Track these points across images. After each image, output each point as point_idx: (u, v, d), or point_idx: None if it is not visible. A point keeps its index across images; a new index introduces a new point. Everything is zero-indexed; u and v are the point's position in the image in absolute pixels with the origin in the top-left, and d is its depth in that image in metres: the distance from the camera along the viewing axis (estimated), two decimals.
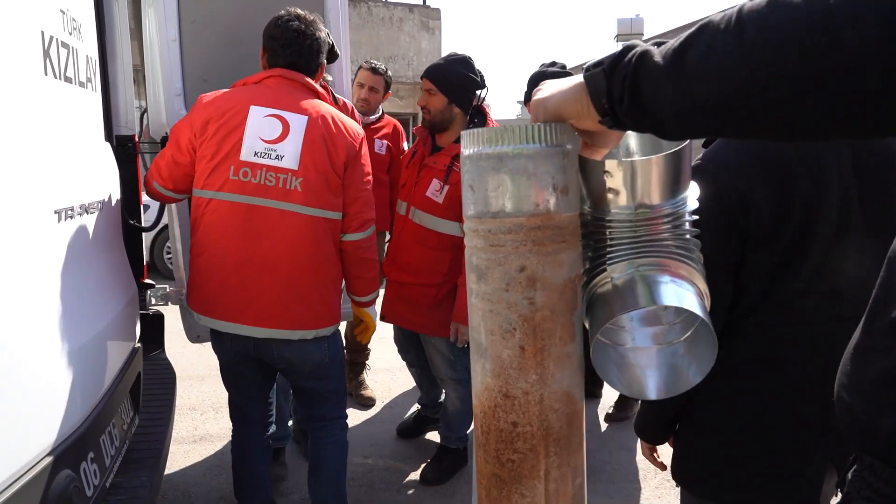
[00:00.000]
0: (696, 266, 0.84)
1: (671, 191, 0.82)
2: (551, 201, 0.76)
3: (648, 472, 3.36)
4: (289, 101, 2.10)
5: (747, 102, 0.58)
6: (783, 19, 0.55)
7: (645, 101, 0.65)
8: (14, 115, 1.35)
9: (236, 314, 2.12)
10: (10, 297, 1.28)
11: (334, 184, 2.12)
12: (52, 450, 1.41)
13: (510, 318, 0.77)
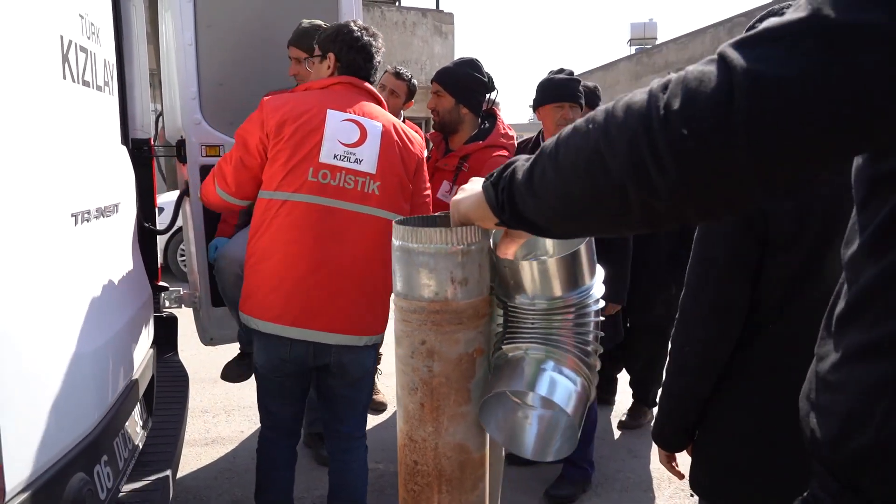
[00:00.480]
0: (586, 359, 0.95)
1: (569, 285, 0.95)
2: (449, 291, 0.91)
3: (662, 481, 3.33)
4: (360, 108, 2.17)
5: (571, 214, 0.72)
6: (575, 145, 0.69)
7: (519, 209, 0.77)
8: (33, 119, 1.36)
9: (308, 320, 2.07)
10: (26, 301, 1.28)
11: (406, 189, 2.21)
12: (66, 453, 1.41)
13: (414, 380, 0.94)
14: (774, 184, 0.60)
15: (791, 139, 0.56)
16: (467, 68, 2.85)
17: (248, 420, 3.89)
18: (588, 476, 3.14)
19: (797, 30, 0.57)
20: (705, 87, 0.59)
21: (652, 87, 0.64)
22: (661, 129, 0.60)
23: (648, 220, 0.66)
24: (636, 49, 24.58)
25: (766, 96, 0.56)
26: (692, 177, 0.60)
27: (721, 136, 0.57)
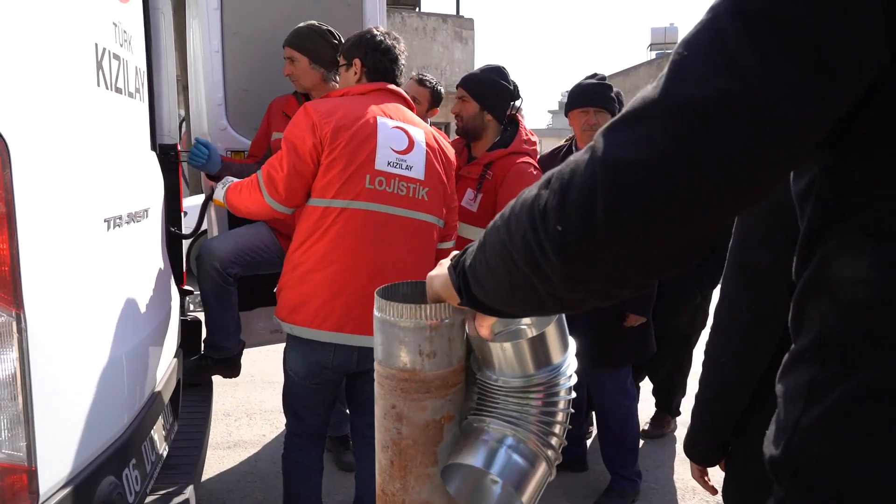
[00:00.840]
0: (547, 440, 0.97)
1: (538, 364, 0.97)
2: (417, 363, 0.96)
3: (686, 492, 3.28)
4: (401, 114, 2.21)
5: (508, 301, 0.77)
6: (493, 241, 0.74)
7: (473, 293, 0.82)
8: (69, 126, 1.37)
9: (368, 327, 2.00)
10: (61, 306, 1.30)
11: (447, 194, 2.28)
12: (97, 456, 1.42)
13: (386, 439, 1.01)
14: (657, 265, 0.62)
15: (655, 222, 0.58)
16: (494, 75, 2.84)
17: (270, 424, 3.91)
18: (637, 487, 3.13)
19: (648, 112, 0.59)
20: (576, 180, 0.61)
21: (539, 184, 0.67)
22: (542, 227, 0.64)
23: (563, 307, 0.71)
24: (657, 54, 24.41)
25: (623, 185, 0.58)
26: (576, 269, 0.63)
27: (589, 229, 0.60)
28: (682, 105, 0.57)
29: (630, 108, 0.61)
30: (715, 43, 0.57)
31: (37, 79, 1.23)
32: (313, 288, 2.06)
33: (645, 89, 0.61)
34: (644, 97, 0.60)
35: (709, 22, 0.59)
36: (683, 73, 0.58)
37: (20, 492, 1.16)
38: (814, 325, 0.66)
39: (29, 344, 1.16)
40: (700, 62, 0.57)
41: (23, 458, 1.17)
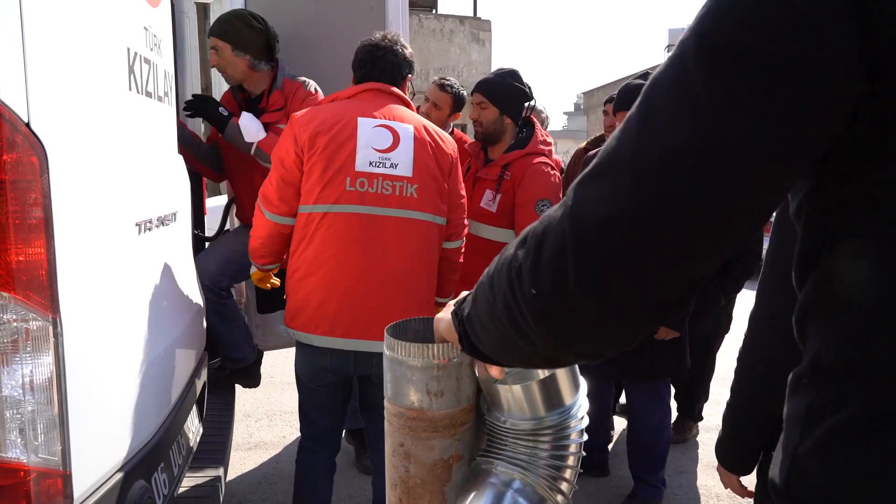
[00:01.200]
0: (556, 484, 0.95)
1: (548, 407, 0.95)
2: (425, 401, 0.96)
3: (710, 498, 3.25)
4: (389, 112, 2.15)
5: (503, 354, 0.75)
6: (481, 297, 0.72)
7: (473, 343, 0.79)
8: (102, 130, 1.38)
9: (361, 330, 2.05)
10: (95, 309, 1.30)
11: (443, 190, 2.19)
12: (128, 460, 1.43)
13: (394, 476, 1.01)
14: (638, 321, 0.61)
15: (628, 280, 0.57)
16: (510, 79, 2.86)
17: (291, 425, 3.91)
18: (660, 494, 3.11)
19: (615, 165, 0.57)
20: (548, 239, 0.60)
21: (518, 240, 0.66)
22: (518, 289, 0.63)
23: (552, 365, 0.72)
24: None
25: (591, 243, 0.57)
26: (555, 331, 0.62)
27: (562, 291, 0.59)
28: (647, 157, 0.55)
29: (599, 160, 0.60)
30: (680, 83, 0.55)
31: (72, 84, 1.24)
32: (307, 294, 2.09)
33: (614, 134, 0.60)
34: (611, 147, 0.59)
35: (676, 59, 0.57)
36: (650, 119, 0.56)
37: (55, 496, 1.16)
38: (811, 349, 0.65)
39: (64, 349, 1.16)
40: (665, 106, 0.55)
41: (58, 462, 1.17)
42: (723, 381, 4.63)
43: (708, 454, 3.73)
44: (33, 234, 1.08)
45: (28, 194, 1.07)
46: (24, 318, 1.08)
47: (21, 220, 1.05)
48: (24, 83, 1.05)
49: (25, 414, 1.10)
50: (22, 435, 1.10)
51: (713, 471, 3.53)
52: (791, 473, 0.64)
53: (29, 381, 1.10)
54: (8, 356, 1.07)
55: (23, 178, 1.05)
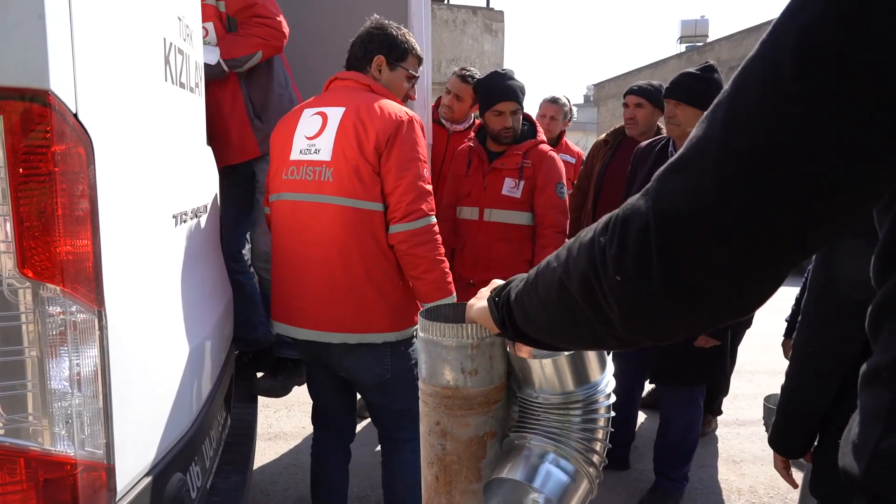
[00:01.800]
0: (588, 456, 1.00)
1: (577, 382, 1.01)
2: (460, 380, 1.00)
3: (731, 493, 3.23)
4: (337, 97, 2.12)
5: (561, 337, 0.81)
6: (547, 280, 0.76)
7: (519, 327, 0.86)
8: (141, 121, 1.37)
9: (287, 315, 2.15)
10: (135, 303, 1.29)
11: (364, 170, 2.00)
12: (166, 453, 1.42)
13: (430, 455, 1.04)
14: (715, 314, 0.63)
15: (709, 275, 0.59)
16: (517, 79, 3.10)
17: (308, 416, 3.91)
18: (682, 490, 3.10)
19: (699, 160, 0.58)
20: (632, 229, 0.62)
21: (596, 228, 0.69)
22: (602, 274, 0.65)
23: (621, 346, 0.73)
24: (686, 47, 24.05)
25: (675, 237, 0.59)
26: (634, 315, 0.65)
27: (646, 281, 0.61)
28: (733, 154, 0.55)
29: (683, 152, 0.60)
30: (771, 78, 0.53)
31: (114, 74, 1.22)
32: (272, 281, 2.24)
33: (699, 126, 0.59)
34: (696, 139, 0.59)
35: (768, 49, 0.55)
36: (737, 114, 0.56)
37: (100, 489, 1.16)
38: (892, 345, 0.64)
39: (109, 341, 1.15)
40: (754, 100, 0.54)
41: (102, 455, 1.16)
42: (741, 376, 4.61)
43: (728, 448, 3.72)
44: (80, 227, 1.07)
45: (76, 186, 1.06)
46: (72, 311, 1.07)
47: (69, 211, 1.04)
48: (73, 73, 1.03)
49: (73, 407, 1.09)
50: (69, 428, 1.09)
51: (734, 465, 3.53)
52: (872, 468, 0.63)
53: (76, 374, 1.09)
54: (56, 349, 1.06)
55: (71, 169, 1.04)
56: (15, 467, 1.05)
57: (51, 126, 0.99)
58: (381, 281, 2.05)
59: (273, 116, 2.69)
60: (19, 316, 1.01)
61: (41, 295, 1.03)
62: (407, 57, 2.24)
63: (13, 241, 0.99)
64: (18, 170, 0.98)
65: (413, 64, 2.26)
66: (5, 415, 1.04)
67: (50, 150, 1.00)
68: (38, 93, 0.97)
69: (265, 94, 2.70)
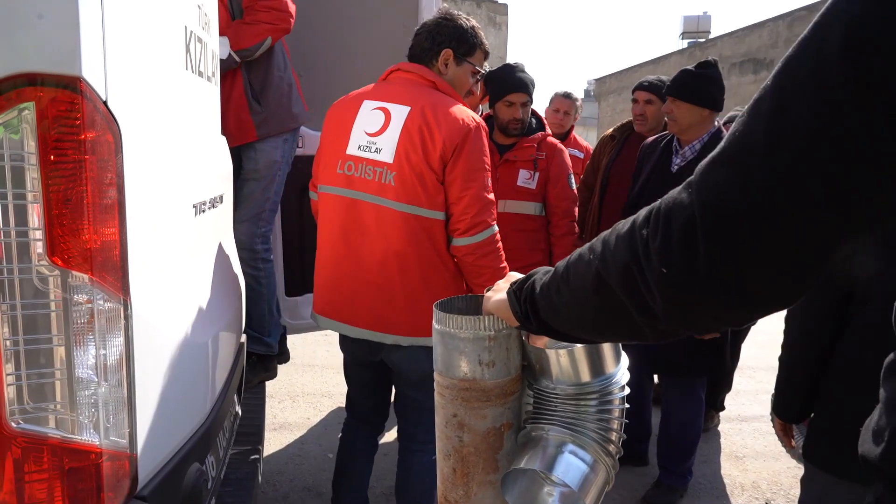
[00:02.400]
0: (605, 445, 1.01)
1: (593, 372, 1.02)
2: (477, 372, 1.00)
3: (735, 488, 3.25)
4: (401, 93, 2.04)
5: (593, 330, 0.82)
6: (582, 273, 0.77)
7: (543, 319, 0.87)
8: (164, 110, 1.36)
9: (336, 312, 2.12)
10: (157, 293, 1.29)
11: (429, 179, 1.96)
12: (184, 443, 1.42)
13: (447, 447, 1.05)
14: (762, 304, 0.64)
15: (756, 265, 0.59)
16: (528, 73, 3.15)
17: (313, 407, 3.93)
18: (686, 483, 3.13)
19: (746, 153, 0.58)
20: (675, 221, 0.63)
21: (637, 219, 0.70)
22: (646, 266, 0.66)
23: (660, 337, 0.73)
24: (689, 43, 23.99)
25: (722, 229, 0.59)
26: (678, 306, 0.66)
27: (692, 272, 0.62)
28: (781, 147, 0.55)
29: (726, 146, 0.60)
30: (818, 69, 0.53)
31: (140, 62, 1.21)
32: (314, 273, 2.21)
33: (742, 119, 0.60)
34: (741, 132, 0.59)
35: (816, 39, 0.55)
36: (784, 107, 0.56)
37: (123, 478, 1.16)
38: None
39: (133, 331, 1.15)
40: (802, 92, 0.55)
41: (126, 444, 1.16)
42: (742, 372, 4.62)
43: (730, 444, 3.73)
44: (108, 215, 1.07)
45: (104, 174, 1.05)
46: (99, 300, 1.06)
47: (98, 200, 1.04)
48: (103, 60, 1.02)
49: (98, 396, 1.09)
50: (94, 417, 1.09)
51: (736, 460, 3.54)
52: (890, 454, 0.66)
53: (102, 363, 1.09)
54: (83, 337, 1.06)
55: (100, 157, 1.03)
56: (41, 455, 1.05)
57: (82, 113, 0.98)
58: (437, 287, 2.02)
59: (272, 100, 2.68)
60: (48, 304, 1.01)
61: (69, 283, 1.02)
62: (475, 51, 2.16)
63: (43, 228, 0.99)
64: (49, 157, 0.97)
65: (480, 59, 2.19)
66: (32, 403, 1.03)
67: (81, 138, 0.99)
68: (70, 79, 0.96)
69: (264, 78, 2.67)
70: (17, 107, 0.95)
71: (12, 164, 0.96)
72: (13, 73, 0.94)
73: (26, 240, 0.98)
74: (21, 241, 0.98)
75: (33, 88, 0.95)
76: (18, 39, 0.94)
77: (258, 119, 2.62)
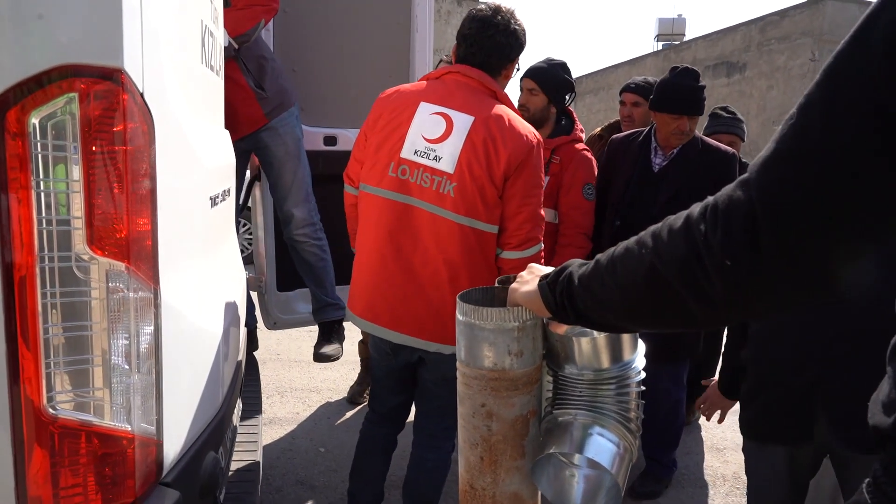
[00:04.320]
0: (627, 425, 1.07)
1: (613, 358, 1.08)
2: (506, 362, 1.03)
3: (717, 479, 3.34)
4: (461, 100, 1.98)
5: (640, 322, 0.87)
6: (632, 267, 0.80)
7: (581, 311, 0.90)
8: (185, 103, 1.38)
9: (378, 316, 2.07)
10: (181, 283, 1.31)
11: (490, 193, 1.95)
12: (202, 432, 1.44)
13: (475, 436, 1.07)
14: (820, 294, 0.68)
15: (816, 256, 0.63)
16: (560, 70, 2.97)
17: (302, 402, 3.94)
18: (671, 473, 3.21)
19: (803, 151, 0.62)
20: (736, 217, 0.67)
21: (692, 215, 0.73)
22: (707, 258, 0.69)
23: (710, 325, 0.81)
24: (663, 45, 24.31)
25: (782, 224, 0.64)
26: (740, 294, 0.70)
27: (756, 265, 0.66)
28: (835, 149, 0.60)
29: (783, 143, 0.65)
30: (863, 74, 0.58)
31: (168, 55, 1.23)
32: (355, 272, 2.16)
33: (794, 117, 0.64)
34: (795, 129, 0.63)
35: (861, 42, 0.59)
36: (834, 106, 0.60)
37: (151, 464, 1.18)
38: None
39: (162, 319, 1.17)
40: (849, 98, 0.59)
41: (154, 431, 1.18)
42: None
43: (712, 437, 3.83)
44: (143, 205, 1.09)
45: (140, 165, 1.07)
46: (134, 289, 1.08)
47: (134, 190, 1.06)
48: (142, 53, 1.04)
49: (131, 383, 1.11)
50: (127, 404, 1.11)
51: (717, 452, 3.65)
52: None
53: (135, 350, 1.11)
54: (118, 325, 1.07)
55: (137, 148, 1.06)
56: (76, 441, 1.06)
57: (122, 105, 1.00)
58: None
59: (271, 83, 2.75)
60: (88, 292, 1.03)
61: (108, 272, 1.04)
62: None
63: (83, 217, 1.00)
64: (91, 147, 0.99)
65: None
66: (69, 389, 1.05)
67: (121, 129, 1.01)
68: (113, 71, 0.98)
69: (259, 65, 2.73)
70: (60, 97, 0.97)
71: (55, 154, 0.98)
72: (57, 65, 0.96)
73: (68, 228, 1.00)
74: (62, 229, 1.00)
75: (76, 80, 0.97)
76: (62, 31, 0.96)
77: (265, 104, 2.70)
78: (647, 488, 3.11)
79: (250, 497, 1.88)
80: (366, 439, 2.41)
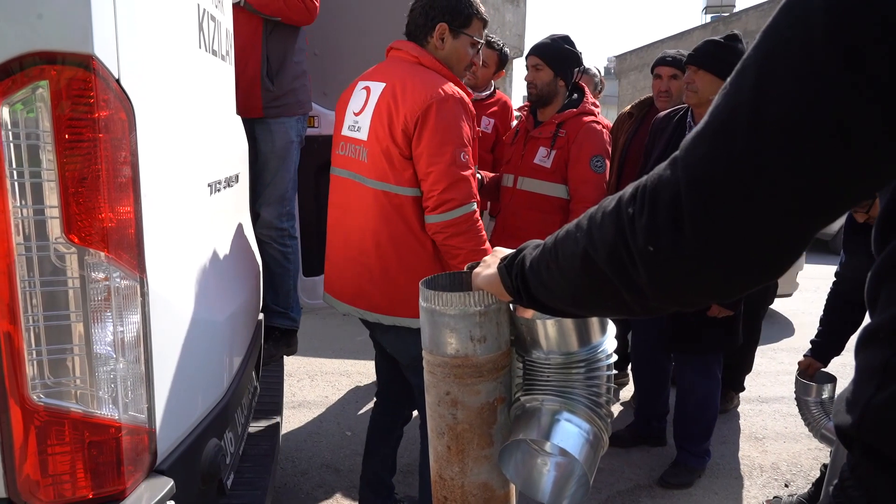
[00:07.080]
0: (597, 409, 1.03)
1: (581, 341, 1.04)
2: (469, 348, 1.00)
3: (754, 469, 3.23)
4: (385, 70, 2.03)
5: (582, 306, 0.82)
6: (570, 250, 0.77)
7: (533, 295, 0.87)
8: (177, 89, 1.36)
9: (331, 287, 2.19)
10: (173, 271, 1.30)
11: (395, 154, 1.91)
12: (203, 419, 1.45)
13: (441, 425, 1.04)
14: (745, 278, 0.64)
15: (741, 238, 0.59)
16: (563, 43, 2.96)
17: (332, 385, 3.97)
18: (704, 464, 3.12)
19: (730, 126, 0.58)
20: (661, 199, 0.63)
21: (623, 197, 0.69)
22: (633, 243, 0.66)
23: (647, 313, 0.73)
24: (712, 17, 23.50)
25: (707, 203, 0.59)
26: (665, 282, 0.66)
27: (679, 248, 0.62)
28: (765, 122, 0.55)
29: (709, 119, 0.60)
30: (801, 46, 0.53)
31: (152, 40, 1.22)
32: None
33: (724, 92, 0.60)
34: (723, 105, 0.59)
35: (798, 8, 0.54)
36: (766, 81, 0.56)
37: (142, 452, 1.18)
38: (889, 306, 0.66)
39: (150, 308, 1.17)
40: (784, 69, 0.54)
41: (144, 419, 1.18)
42: (763, 353, 4.59)
43: (749, 425, 3.71)
44: (123, 193, 1.08)
45: (119, 152, 1.06)
46: (116, 277, 1.08)
47: (112, 178, 1.05)
48: (115, 39, 1.03)
49: (117, 371, 1.11)
50: (112, 392, 1.11)
51: (756, 442, 3.52)
52: (865, 422, 0.66)
53: (120, 339, 1.10)
54: (100, 314, 1.07)
55: (114, 135, 1.04)
56: (63, 429, 1.07)
57: (95, 92, 0.99)
58: (414, 267, 1.95)
59: (285, 83, 2.68)
60: (66, 281, 1.02)
61: (86, 260, 1.03)
62: (471, 22, 2.04)
63: (59, 206, 1.00)
64: (64, 136, 0.98)
65: (478, 29, 2.07)
66: (53, 378, 1.05)
67: (94, 117, 1.00)
68: (83, 58, 0.97)
69: (282, 60, 2.66)
70: (31, 85, 0.96)
71: (28, 143, 0.97)
72: (27, 52, 0.95)
73: (43, 218, 0.99)
74: (38, 219, 0.99)
75: (48, 67, 0.96)
76: (31, 18, 0.95)
77: (267, 97, 2.62)
78: (677, 479, 3.03)
79: (263, 481, 1.89)
80: (371, 421, 2.48)
